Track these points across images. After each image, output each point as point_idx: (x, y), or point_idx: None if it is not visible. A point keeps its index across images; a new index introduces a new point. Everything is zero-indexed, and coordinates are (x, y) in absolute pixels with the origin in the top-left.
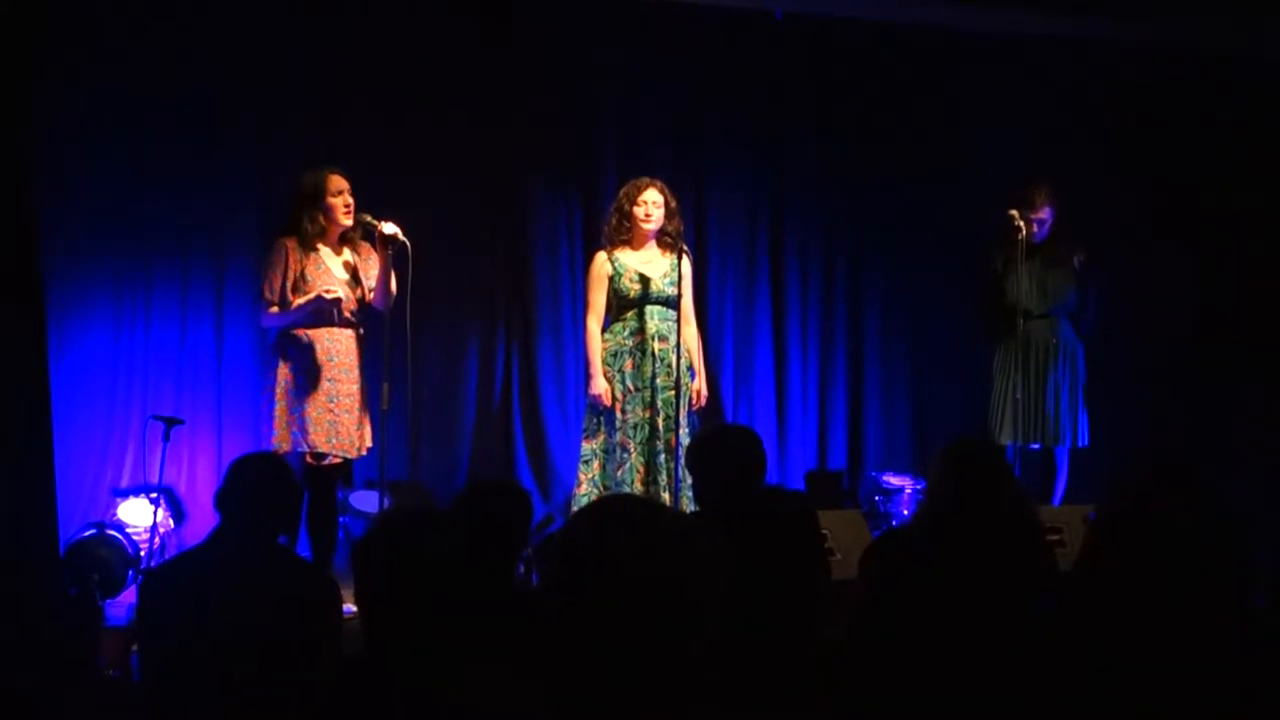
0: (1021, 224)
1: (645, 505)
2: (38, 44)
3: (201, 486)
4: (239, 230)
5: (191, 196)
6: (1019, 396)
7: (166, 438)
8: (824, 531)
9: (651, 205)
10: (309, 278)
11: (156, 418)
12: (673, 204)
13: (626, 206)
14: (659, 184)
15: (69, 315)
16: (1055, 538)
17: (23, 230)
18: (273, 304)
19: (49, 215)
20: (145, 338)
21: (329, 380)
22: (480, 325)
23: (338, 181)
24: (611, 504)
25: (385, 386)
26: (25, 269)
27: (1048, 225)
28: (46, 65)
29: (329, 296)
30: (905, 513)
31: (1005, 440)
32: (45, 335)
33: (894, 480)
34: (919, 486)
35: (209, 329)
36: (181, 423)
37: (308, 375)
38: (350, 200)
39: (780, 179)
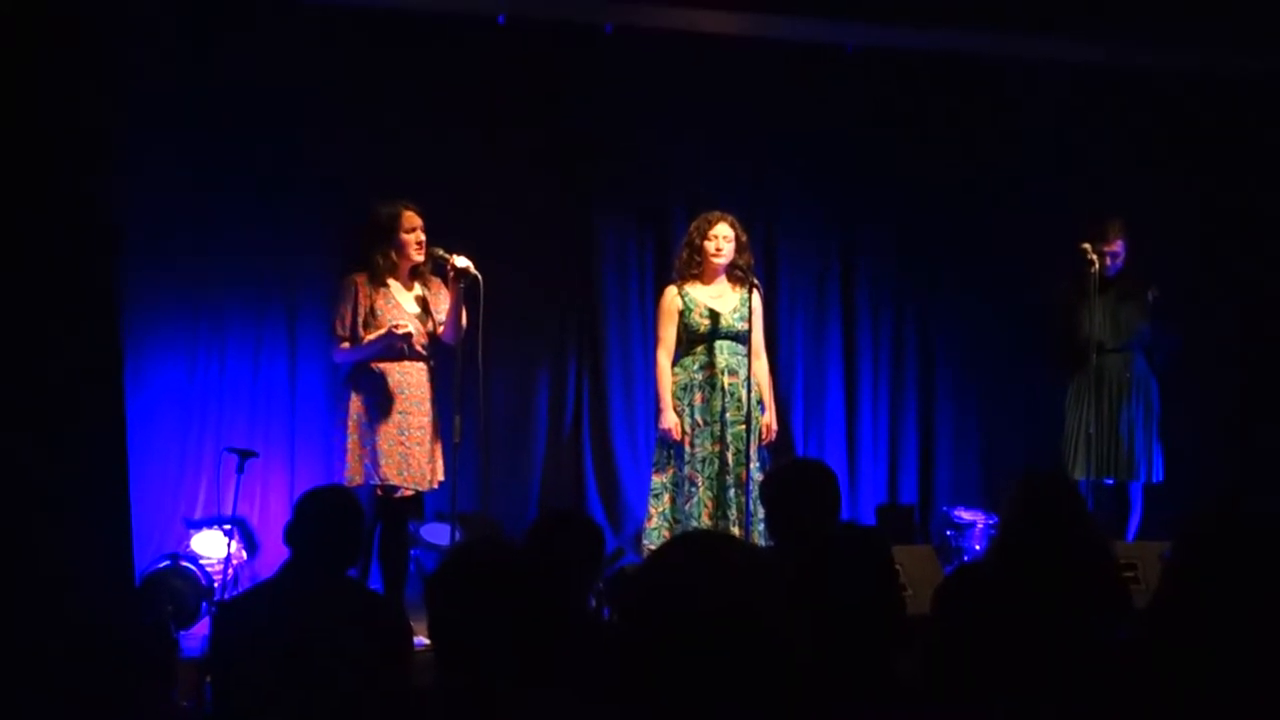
0: (1094, 257)
1: (725, 540)
2: (111, 85)
3: (274, 518)
4: (310, 266)
5: (265, 233)
6: (1092, 431)
7: (240, 470)
8: (896, 566)
9: (722, 239)
10: (379, 312)
11: (230, 450)
12: (743, 238)
13: (697, 241)
14: (730, 218)
15: (145, 349)
16: (1130, 574)
17: (101, 264)
18: (344, 339)
19: (126, 249)
20: (220, 371)
21: (400, 413)
22: (551, 358)
23: (411, 218)
24: (691, 539)
25: (457, 419)
26: (103, 303)
27: (1120, 259)
28: (120, 107)
29: (399, 332)
30: (977, 548)
31: (1078, 475)
32: (122, 368)
33: (966, 515)
34: (991, 521)
35: (282, 363)
36: (255, 455)
37: (380, 408)
38: (423, 237)
39: (851, 212)
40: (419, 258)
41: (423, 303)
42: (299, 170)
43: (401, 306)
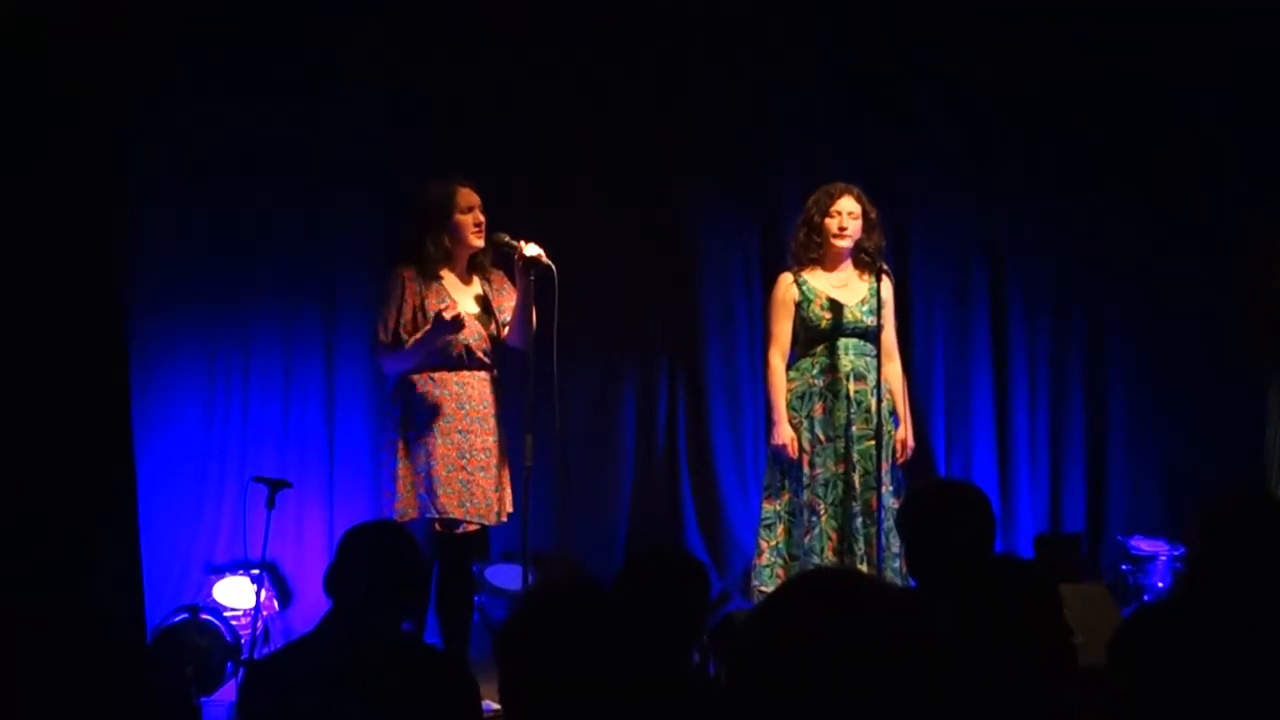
0: None
1: (854, 580)
2: (122, 99)
3: (311, 561)
4: (350, 255)
5: (294, 220)
6: None
7: (270, 504)
8: (1063, 608)
9: (846, 216)
10: (431, 311)
11: (258, 480)
12: (872, 214)
13: (816, 218)
14: (855, 191)
15: (155, 359)
16: None
17: (104, 270)
18: (389, 344)
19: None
20: (244, 386)
21: (460, 433)
22: (639, 362)
23: (468, 195)
24: (813, 579)
25: (528, 439)
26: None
27: None
28: (129, 112)
29: (448, 315)
30: (1160, 585)
31: None
32: (128, 384)
33: (1145, 546)
34: (1176, 553)
35: (317, 374)
36: (288, 485)
37: (435, 427)
38: (481, 218)
39: (1002, 187)
40: (478, 243)
41: (484, 301)
42: (331, 150)
43: (458, 304)
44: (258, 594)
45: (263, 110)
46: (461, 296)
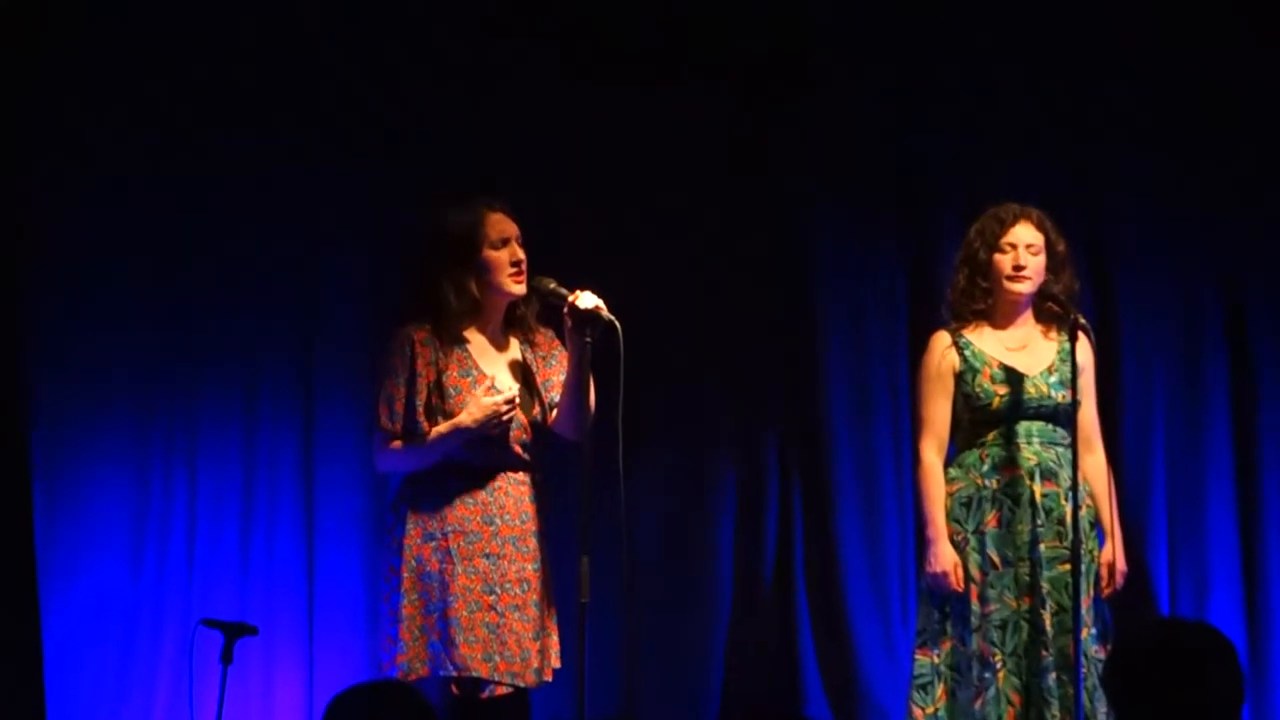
0: None
1: None
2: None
3: None
4: (336, 318)
5: (258, 270)
6: None
7: (226, 658)
8: None
9: (1024, 251)
10: (454, 388)
11: (209, 624)
12: (1060, 247)
13: (982, 254)
14: (1036, 215)
15: (68, 473)
16: None
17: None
18: (393, 435)
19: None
20: (187, 501)
21: (489, 558)
22: (737, 456)
23: (501, 224)
24: None
25: (584, 564)
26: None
27: None
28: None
29: (490, 408)
30: None
31: None
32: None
33: None
34: None
35: (288, 482)
36: (252, 632)
37: (455, 551)
38: (521, 255)
39: (1243, 213)
40: (518, 290)
41: (524, 372)
42: (302, 170)
43: (490, 379)
44: None
45: (203, 135)
46: (495, 368)
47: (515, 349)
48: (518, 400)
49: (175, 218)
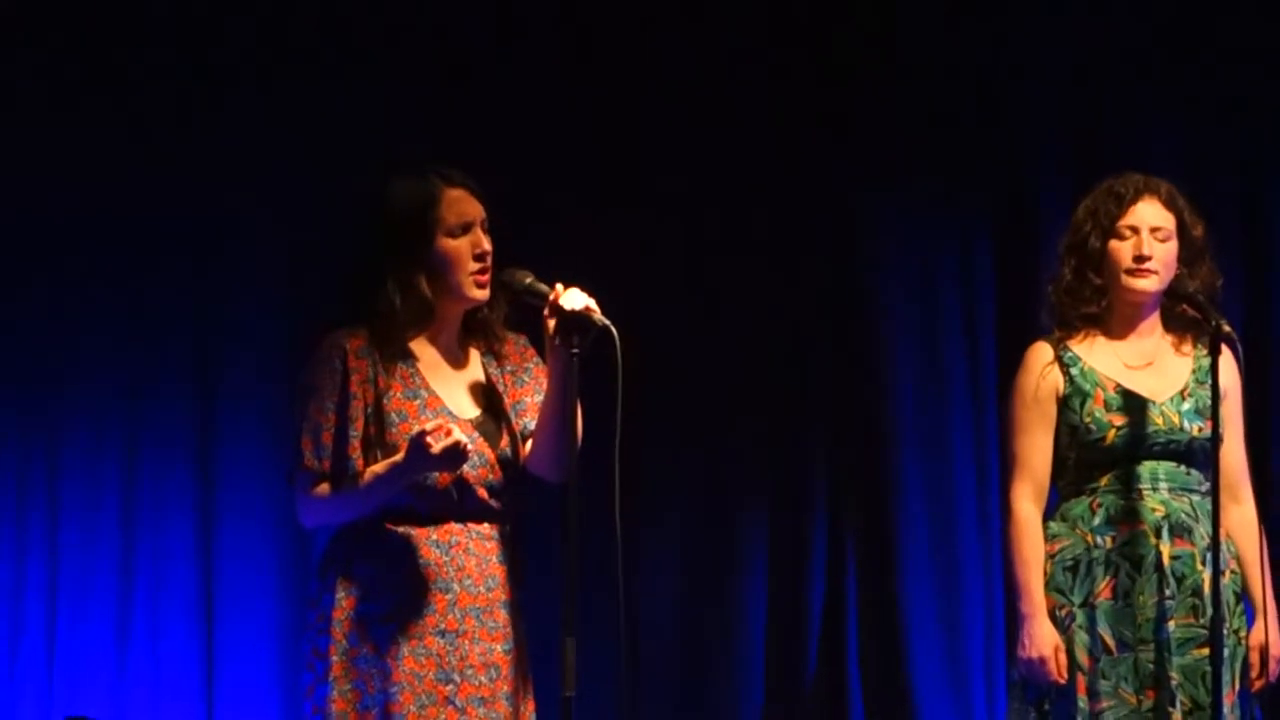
0: None
1: None
2: None
3: None
4: (243, 328)
5: (139, 266)
6: None
7: None
8: None
9: (1149, 236)
10: (395, 414)
11: None
12: (1197, 231)
13: (1094, 241)
14: (1165, 190)
15: None
16: None
17: None
18: (320, 477)
19: None
20: (46, 557)
21: (443, 635)
22: (771, 506)
23: (462, 203)
24: None
25: (568, 645)
26: None
27: None
28: None
29: (437, 446)
30: None
31: None
32: None
33: None
34: None
35: (180, 536)
36: None
37: (400, 628)
38: (487, 245)
39: None
40: (478, 294)
41: (487, 395)
42: (217, 110)
43: (444, 403)
44: None
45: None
46: (450, 388)
47: (476, 364)
48: (462, 437)
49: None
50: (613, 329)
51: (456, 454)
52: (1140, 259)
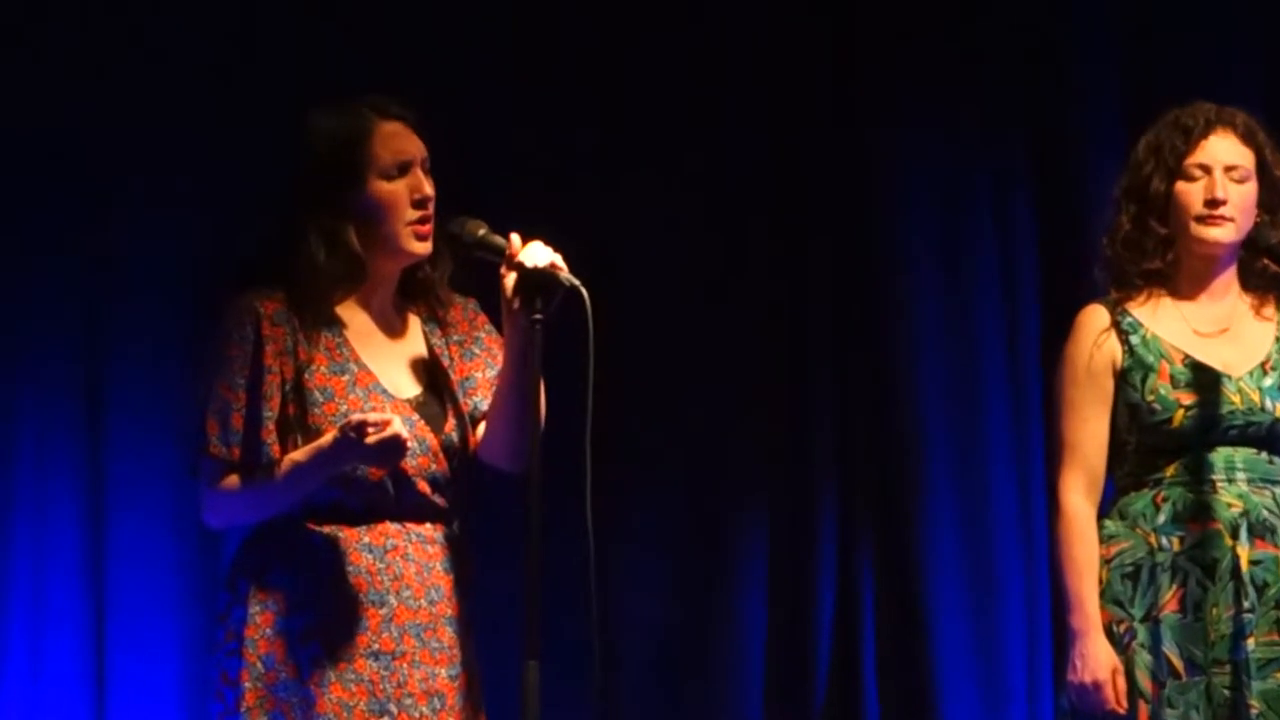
0: None
1: None
2: None
3: None
4: (136, 292)
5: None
6: None
7: None
8: None
9: (1222, 176)
10: (318, 392)
11: None
12: (1279, 171)
13: (1158, 181)
14: (1242, 121)
15: None
16: None
17: None
18: (229, 466)
19: None
20: None
21: (378, 657)
22: (772, 506)
23: (399, 139)
24: None
25: (530, 670)
26: None
27: None
28: None
29: (374, 436)
30: None
31: None
32: None
33: None
34: None
35: (64, 543)
36: None
37: (325, 648)
38: (429, 189)
39: None
40: (419, 247)
41: (428, 370)
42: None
43: (377, 379)
44: None
45: None
46: (384, 361)
47: (417, 332)
48: (399, 425)
49: None
50: (583, 289)
51: (394, 448)
52: (1213, 203)
